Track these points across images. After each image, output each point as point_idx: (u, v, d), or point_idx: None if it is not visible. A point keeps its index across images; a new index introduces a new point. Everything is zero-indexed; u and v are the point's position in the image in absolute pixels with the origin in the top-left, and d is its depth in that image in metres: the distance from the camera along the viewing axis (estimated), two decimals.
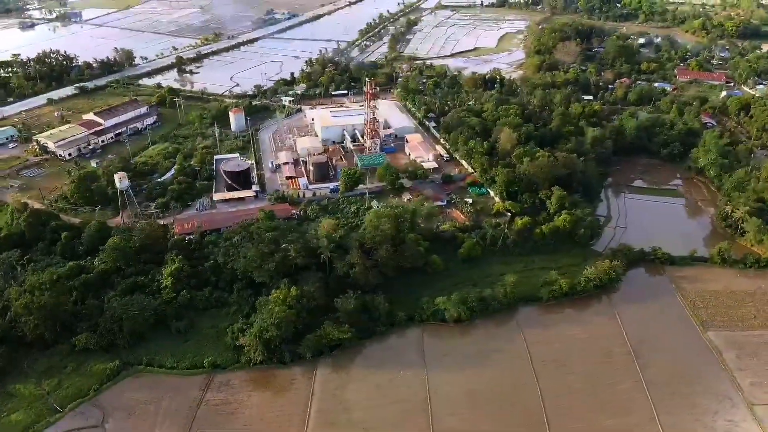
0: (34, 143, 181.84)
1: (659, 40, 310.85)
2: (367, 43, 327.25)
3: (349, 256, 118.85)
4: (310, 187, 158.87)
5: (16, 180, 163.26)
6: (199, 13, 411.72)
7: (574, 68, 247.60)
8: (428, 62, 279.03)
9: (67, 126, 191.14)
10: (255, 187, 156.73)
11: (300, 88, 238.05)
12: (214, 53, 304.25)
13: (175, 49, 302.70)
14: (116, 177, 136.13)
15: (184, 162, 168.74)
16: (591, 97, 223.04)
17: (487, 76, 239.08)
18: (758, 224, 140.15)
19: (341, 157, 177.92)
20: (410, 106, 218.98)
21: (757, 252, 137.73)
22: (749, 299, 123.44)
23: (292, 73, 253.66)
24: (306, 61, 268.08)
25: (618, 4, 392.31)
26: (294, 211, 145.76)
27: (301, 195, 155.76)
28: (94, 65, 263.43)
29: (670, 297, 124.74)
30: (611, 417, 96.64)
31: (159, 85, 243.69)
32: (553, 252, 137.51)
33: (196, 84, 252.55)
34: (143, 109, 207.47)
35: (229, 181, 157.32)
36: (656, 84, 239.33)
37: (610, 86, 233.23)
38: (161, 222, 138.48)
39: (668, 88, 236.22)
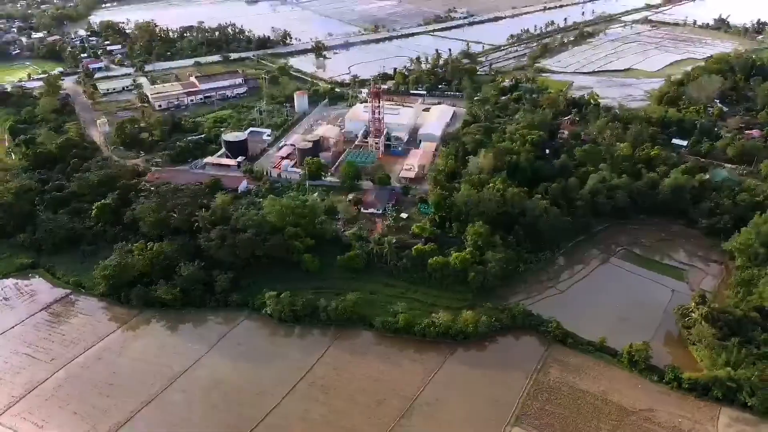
0: (140, 93, 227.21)
1: None
2: (518, 48, 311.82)
3: (216, 229, 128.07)
4: (289, 169, 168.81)
5: (108, 116, 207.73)
6: (394, 5, 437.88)
7: (698, 107, 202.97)
8: (548, 75, 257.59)
9: (170, 84, 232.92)
10: (240, 158, 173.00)
11: (388, 84, 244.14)
12: (364, 42, 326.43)
13: (330, 35, 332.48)
14: (98, 122, 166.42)
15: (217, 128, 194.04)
16: (684, 143, 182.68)
17: (576, 98, 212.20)
18: (709, 335, 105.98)
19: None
20: (478, 112, 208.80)
21: (698, 369, 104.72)
22: (615, 418, 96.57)
23: (395, 68, 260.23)
24: (413, 59, 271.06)
25: None
26: (245, 185, 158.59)
27: (275, 175, 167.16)
28: (253, 40, 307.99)
29: (517, 375, 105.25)
30: None
31: (286, 64, 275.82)
32: (445, 288, 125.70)
33: (327, 69, 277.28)
34: (238, 80, 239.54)
35: (226, 150, 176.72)
36: None
37: (727, 134, 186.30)
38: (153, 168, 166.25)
39: None
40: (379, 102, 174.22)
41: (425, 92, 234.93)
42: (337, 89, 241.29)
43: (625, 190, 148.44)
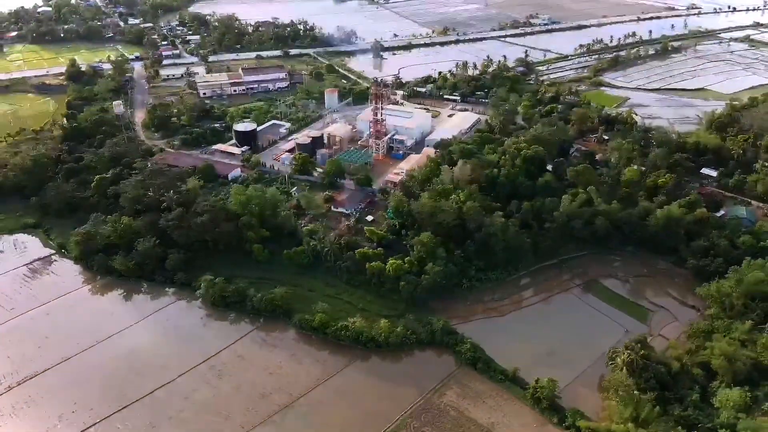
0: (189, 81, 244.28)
1: None
2: (588, 59, 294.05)
3: (176, 210, 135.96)
4: (286, 162, 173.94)
5: (157, 99, 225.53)
6: (478, 8, 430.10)
7: (747, 136, 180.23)
8: (604, 89, 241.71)
9: (219, 74, 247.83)
10: (245, 148, 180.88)
11: (427, 88, 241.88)
12: (427, 45, 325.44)
13: (395, 36, 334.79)
14: (114, 104, 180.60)
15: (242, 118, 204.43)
16: (714, 173, 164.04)
17: (611, 115, 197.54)
18: (624, 385, 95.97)
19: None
20: (493, 122, 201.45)
21: (604, 419, 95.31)
22: None
23: (440, 72, 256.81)
24: (459, 64, 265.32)
25: None
26: (238, 173, 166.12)
27: (268, 166, 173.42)
28: (318, 37, 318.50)
29: (412, 391, 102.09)
30: None
31: (340, 62, 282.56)
32: (381, 294, 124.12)
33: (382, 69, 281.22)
34: (281, 75, 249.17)
35: (236, 139, 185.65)
36: None
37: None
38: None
39: None
40: (380, 103, 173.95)
41: (458, 98, 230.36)
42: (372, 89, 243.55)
43: (611, 218, 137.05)
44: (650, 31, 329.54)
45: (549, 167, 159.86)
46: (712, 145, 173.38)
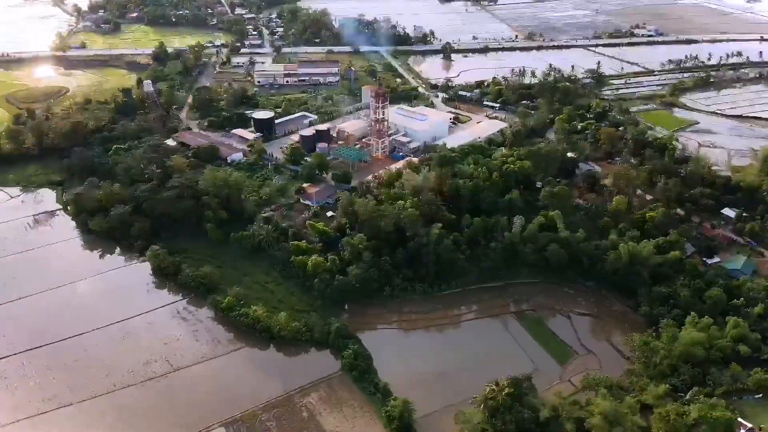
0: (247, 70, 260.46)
1: None
2: (679, 77, 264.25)
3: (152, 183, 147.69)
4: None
5: (221, 83, 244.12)
6: (584, 15, 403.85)
7: None
8: (675, 110, 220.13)
9: (277, 65, 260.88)
10: (258, 134, 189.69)
11: (474, 93, 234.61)
12: (505, 49, 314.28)
13: (474, 38, 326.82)
14: (144, 82, 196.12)
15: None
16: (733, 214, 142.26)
17: (648, 139, 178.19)
18: (476, 423, 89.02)
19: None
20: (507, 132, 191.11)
21: None
22: None
23: (495, 77, 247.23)
24: (514, 70, 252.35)
25: None
26: (239, 156, 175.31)
27: (271, 154, 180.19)
28: (395, 35, 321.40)
29: (277, 386, 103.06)
30: None
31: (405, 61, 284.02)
32: (305, 289, 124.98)
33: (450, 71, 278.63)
34: (334, 69, 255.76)
35: (254, 126, 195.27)
36: None
37: None
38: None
39: None
40: (381, 103, 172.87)
41: (497, 105, 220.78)
42: (421, 90, 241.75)
43: (571, 248, 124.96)
44: (760, 53, 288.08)
45: (539, 185, 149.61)
46: (746, 184, 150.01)
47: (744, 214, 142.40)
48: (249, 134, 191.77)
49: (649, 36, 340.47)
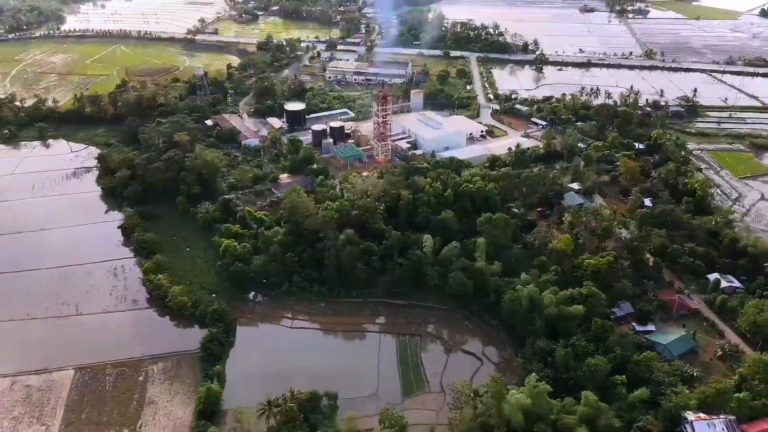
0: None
1: None
2: None
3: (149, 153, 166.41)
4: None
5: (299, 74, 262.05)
6: (736, 38, 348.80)
7: None
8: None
9: (350, 63, 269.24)
10: (284, 124, 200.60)
11: (528, 109, 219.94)
12: (610, 66, 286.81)
13: (581, 51, 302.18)
14: (197, 68, 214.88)
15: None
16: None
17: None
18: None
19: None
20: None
21: None
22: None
23: (563, 94, 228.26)
24: (585, 89, 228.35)
25: None
26: (255, 142, 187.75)
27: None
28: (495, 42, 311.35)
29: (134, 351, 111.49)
30: None
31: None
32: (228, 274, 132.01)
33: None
34: (402, 71, 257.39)
35: (286, 116, 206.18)
36: None
37: None
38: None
39: None
40: (383, 106, 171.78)
41: (545, 123, 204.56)
42: (481, 99, 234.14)
43: (482, 279, 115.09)
44: None
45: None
46: (758, 251, 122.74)
47: (735, 287, 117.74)
48: (277, 123, 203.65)
49: None
